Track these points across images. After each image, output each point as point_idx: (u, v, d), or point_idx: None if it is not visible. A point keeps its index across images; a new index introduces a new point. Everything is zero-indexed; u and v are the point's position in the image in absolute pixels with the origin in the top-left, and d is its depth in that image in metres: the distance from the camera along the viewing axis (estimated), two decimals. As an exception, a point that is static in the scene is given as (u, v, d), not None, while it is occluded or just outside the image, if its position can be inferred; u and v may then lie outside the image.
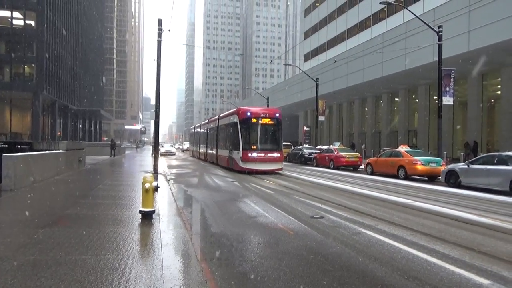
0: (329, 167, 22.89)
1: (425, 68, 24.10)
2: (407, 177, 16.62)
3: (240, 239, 5.97)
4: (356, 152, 24.77)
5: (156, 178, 13.39)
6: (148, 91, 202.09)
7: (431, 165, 16.21)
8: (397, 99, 33.90)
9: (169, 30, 18.82)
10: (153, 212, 6.68)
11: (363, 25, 41.25)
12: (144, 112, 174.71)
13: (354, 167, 22.66)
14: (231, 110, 21.76)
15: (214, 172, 18.79)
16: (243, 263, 4.75)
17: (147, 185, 6.43)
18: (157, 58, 17.37)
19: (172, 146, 50.46)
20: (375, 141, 36.57)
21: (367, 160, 20.40)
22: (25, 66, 43.41)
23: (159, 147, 22.21)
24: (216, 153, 23.65)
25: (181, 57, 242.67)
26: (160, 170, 17.49)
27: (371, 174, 18.85)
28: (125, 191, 10.36)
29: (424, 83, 29.19)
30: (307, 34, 55.64)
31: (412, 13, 20.21)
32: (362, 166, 21.83)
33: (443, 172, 14.61)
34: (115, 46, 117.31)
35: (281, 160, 18.82)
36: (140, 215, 6.59)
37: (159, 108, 17.83)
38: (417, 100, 30.98)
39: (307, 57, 55.01)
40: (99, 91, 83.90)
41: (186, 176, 17.23)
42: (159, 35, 17.48)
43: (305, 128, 41.64)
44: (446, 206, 9.23)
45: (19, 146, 17.33)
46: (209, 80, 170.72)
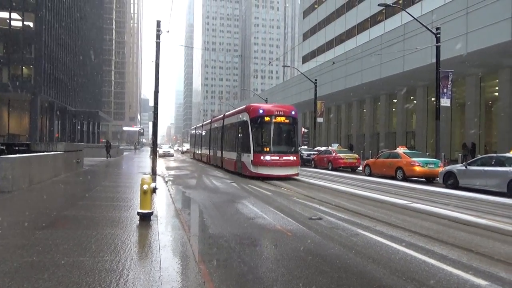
0: (328, 169, 22.92)
1: (423, 70, 24.17)
2: (405, 179, 16.66)
3: (238, 241, 5.97)
4: (355, 154, 24.81)
5: (154, 180, 13.38)
6: (147, 93, 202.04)
7: (429, 167, 16.26)
8: (395, 101, 33.97)
9: (168, 32, 18.87)
10: (151, 214, 6.67)
11: (362, 27, 41.35)
12: (143, 114, 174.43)
13: (352, 169, 22.70)
14: (240, 108, 19.60)
15: (213, 174, 18.77)
16: (241, 265, 4.75)
17: (145, 187, 6.42)
18: (156, 60, 17.38)
19: (171, 148, 50.42)
20: (373, 143, 36.62)
21: (365, 162, 20.46)
22: (23, 68, 43.34)
23: (158, 149, 22.12)
24: (221, 156, 21.58)
25: (180, 59, 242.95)
26: (159, 172, 17.47)
27: (369, 176, 18.89)
28: (123, 193, 10.35)
29: (422, 85, 29.26)
30: (306, 36, 55.73)
31: (410, 15, 20.31)
32: (360, 168, 21.88)
33: (441, 174, 14.66)
34: (114, 48, 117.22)
35: (298, 165, 16.78)
36: (138, 217, 6.58)
37: (158, 110, 17.83)
38: (415, 102, 31.04)
39: (306, 59, 55.09)
40: (98, 93, 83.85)
41: (184, 178, 17.22)
42: (158, 37, 17.49)
43: (304, 130, 41.67)
44: (444, 208, 9.26)
45: (17, 148, 17.32)
46: (208, 82, 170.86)
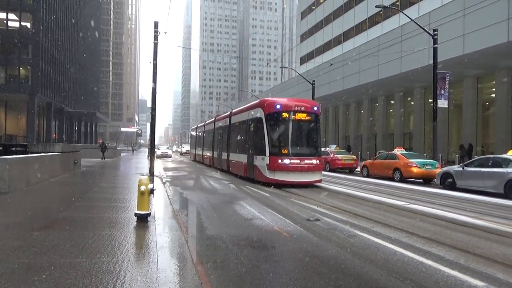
0: (325, 170, 22.91)
1: (421, 71, 24.24)
2: (403, 180, 16.70)
3: (236, 242, 5.96)
4: (352, 155, 24.84)
5: (152, 181, 13.33)
6: (145, 93, 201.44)
7: (427, 168, 16.30)
8: (393, 102, 34.05)
9: (166, 33, 18.80)
10: (149, 215, 6.66)
11: (359, 28, 41.45)
12: (140, 115, 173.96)
13: (350, 170, 22.73)
14: (252, 103, 17.01)
15: (212, 175, 18.75)
16: (239, 266, 4.74)
17: (143, 188, 6.40)
18: (154, 60, 17.36)
19: (169, 149, 50.39)
20: (371, 144, 36.69)
21: (363, 163, 20.49)
22: (21, 68, 43.20)
23: (155, 150, 22.06)
24: (228, 158, 19.20)
25: (178, 60, 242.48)
26: (156, 173, 17.43)
27: (367, 177, 18.92)
28: (121, 194, 10.32)
29: (420, 86, 29.34)
30: (304, 37, 55.80)
31: (408, 17, 20.37)
32: (358, 169, 21.90)
33: (438, 175, 14.70)
34: (111, 48, 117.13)
35: (321, 169, 14.42)
36: (136, 218, 6.56)
37: (155, 111, 17.79)
38: (413, 103, 31.14)
39: (304, 60, 55.15)
40: (95, 93, 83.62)
41: (182, 179, 17.18)
42: (156, 38, 17.47)
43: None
44: (441, 209, 9.28)
45: (14, 148, 17.28)
46: (206, 83, 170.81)
